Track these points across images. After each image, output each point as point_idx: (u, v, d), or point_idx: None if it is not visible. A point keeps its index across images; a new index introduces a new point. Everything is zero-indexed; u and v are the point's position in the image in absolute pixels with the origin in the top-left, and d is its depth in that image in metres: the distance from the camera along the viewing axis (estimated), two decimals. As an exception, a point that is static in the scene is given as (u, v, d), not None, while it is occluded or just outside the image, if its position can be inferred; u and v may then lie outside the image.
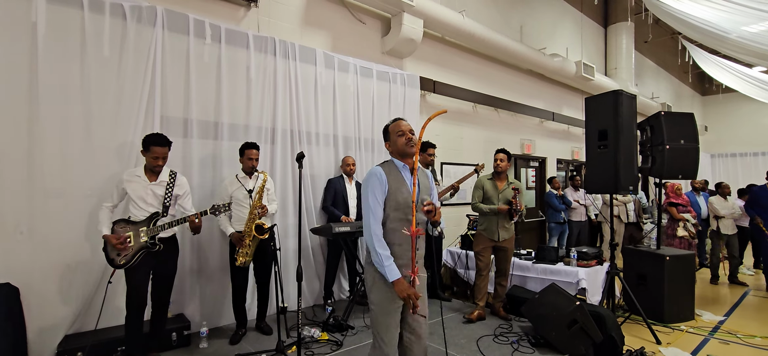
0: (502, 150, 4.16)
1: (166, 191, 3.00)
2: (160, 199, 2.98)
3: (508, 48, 6.70)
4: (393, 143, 2.14)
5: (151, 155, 2.92)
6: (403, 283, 1.93)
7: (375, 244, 1.95)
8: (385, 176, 2.02)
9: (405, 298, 1.91)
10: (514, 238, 4.22)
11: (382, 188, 2.01)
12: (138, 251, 2.87)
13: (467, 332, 3.81)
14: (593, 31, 10.08)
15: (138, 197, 2.92)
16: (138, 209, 2.93)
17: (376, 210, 1.99)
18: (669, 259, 4.27)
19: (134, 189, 2.92)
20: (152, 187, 2.96)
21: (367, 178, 2.06)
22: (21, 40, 2.93)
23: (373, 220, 1.98)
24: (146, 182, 2.96)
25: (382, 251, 1.95)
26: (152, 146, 2.91)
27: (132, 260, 2.83)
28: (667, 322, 4.18)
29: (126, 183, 2.91)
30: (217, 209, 3.03)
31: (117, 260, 2.81)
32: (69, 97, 3.12)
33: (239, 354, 3.28)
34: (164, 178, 3.02)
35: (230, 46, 3.92)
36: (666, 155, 4.32)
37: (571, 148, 9.11)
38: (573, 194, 6.89)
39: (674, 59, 12.10)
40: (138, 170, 2.98)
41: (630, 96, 4.06)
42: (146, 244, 2.89)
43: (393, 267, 1.94)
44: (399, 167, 2.12)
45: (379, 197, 2.00)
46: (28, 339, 2.92)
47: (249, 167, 3.57)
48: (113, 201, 2.93)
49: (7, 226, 2.89)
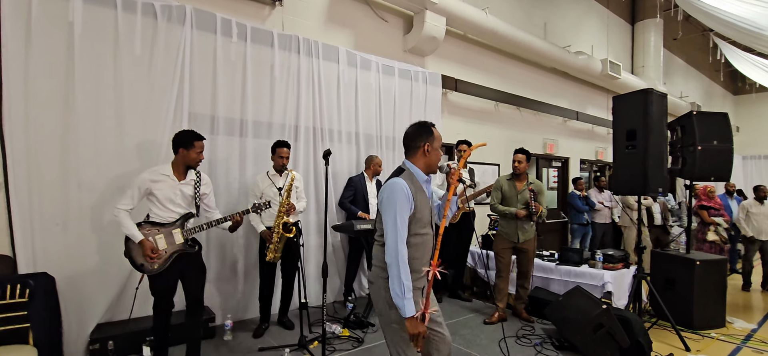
0: (521, 150, 4.08)
1: (195, 190, 2.87)
2: (188, 199, 2.84)
3: (531, 46, 6.59)
4: (434, 155, 1.94)
5: (195, 151, 2.80)
6: (416, 321, 1.79)
7: (401, 271, 1.77)
8: (411, 193, 1.84)
9: (414, 335, 1.79)
10: (536, 239, 4.15)
11: (409, 206, 1.83)
12: (172, 254, 2.73)
13: (489, 333, 3.78)
14: (620, 29, 9.80)
15: (165, 198, 2.74)
16: (163, 210, 2.75)
17: (402, 232, 1.80)
18: (699, 264, 4.13)
19: (161, 190, 2.73)
20: (181, 186, 2.81)
21: (391, 192, 1.83)
22: (59, 38, 3.04)
23: (400, 241, 1.79)
24: (175, 181, 2.79)
25: (406, 282, 1.77)
26: (196, 141, 2.81)
27: (166, 265, 2.71)
28: (696, 329, 4.05)
29: (151, 184, 2.71)
30: (259, 207, 3.02)
31: (148, 265, 2.68)
32: (102, 94, 3.22)
33: (263, 348, 3.34)
34: (192, 176, 2.88)
35: (255, 45, 3.98)
36: (697, 156, 4.17)
37: (595, 148, 8.90)
38: (597, 196, 6.73)
39: (705, 57, 11.67)
40: (164, 169, 2.80)
41: (660, 95, 3.94)
42: (184, 246, 2.77)
43: (411, 303, 1.78)
44: (421, 179, 1.94)
45: (406, 217, 1.82)
46: (63, 327, 3.03)
47: (280, 164, 3.62)
48: (133, 203, 2.69)
49: (45, 218, 3.01)
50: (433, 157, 1.95)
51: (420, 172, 1.94)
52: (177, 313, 3.02)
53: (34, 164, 2.97)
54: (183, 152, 2.79)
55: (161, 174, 2.76)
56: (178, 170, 2.82)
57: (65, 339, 3.04)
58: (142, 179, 2.72)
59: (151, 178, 2.73)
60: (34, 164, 2.97)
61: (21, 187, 2.92)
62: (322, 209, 4.46)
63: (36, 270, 2.96)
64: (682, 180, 4.65)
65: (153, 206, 2.76)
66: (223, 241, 3.86)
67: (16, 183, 2.90)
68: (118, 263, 3.27)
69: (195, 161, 2.83)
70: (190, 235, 2.81)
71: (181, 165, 2.82)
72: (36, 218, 2.98)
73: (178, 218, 2.79)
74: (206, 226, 2.87)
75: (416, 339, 1.81)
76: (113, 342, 3.10)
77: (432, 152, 1.94)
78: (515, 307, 4.20)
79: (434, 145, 1.94)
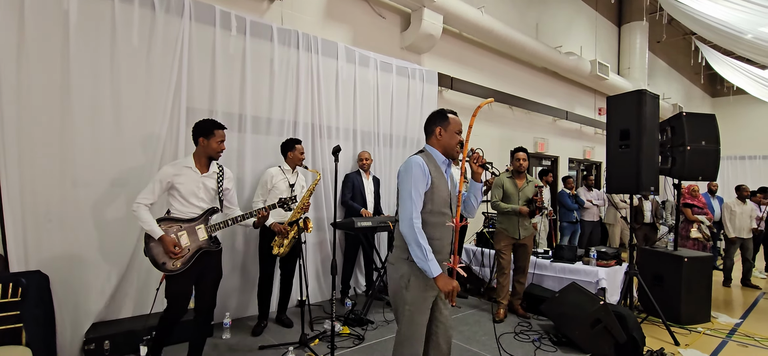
0: (522, 149, 4.16)
1: (218, 184, 2.72)
2: (211, 193, 2.70)
3: (525, 46, 6.67)
4: (447, 137, 2.04)
5: (217, 140, 2.65)
6: (446, 277, 1.90)
7: (418, 237, 1.87)
8: (428, 169, 1.95)
9: (448, 292, 1.87)
10: (534, 236, 4.23)
11: (425, 180, 1.93)
12: (196, 251, 2.59)
13: (487, 329, 3.83)
14: (607, 30, 10.02)
15: (189, 192, 2.59)
16: (185, 205, 2.60)
17: (417, 202, 1.91)
18: (687, 261, 4.27)
19: (184, 183, 2.58)
20: (204, 179, 2.66)
21: (408, 167, 1.95)
22: (53, 27, 2.93)
23: (415, 213, 1.90)
24: (198, 174, 2.64)
25: (425, 244, 1.88)
26: (217, 129, 2.66)
27: (189, 263, 2.55)
28: (683, 324, 4.19)
29: (174, 177, 2.56)
30: (286, 202, 2.93)
31: (170, 264, 2.50)
32: (99, 86, 3.12)
33: (263, 346, 3.31)
34: (214, 169, 2.73)
35: (255, 39, 3.92)
36: (687, 156, 4.31)
37: (583, 147, 9.09)
38: (586, 194, 6.88)
39: (686, 60, 12.04)
40: (186, 161, 2.65)
41: (653, 96, 4.04)
42: (208, 243, 2.64)
43: (436, 262, 1.89)
44: (439, 161, 2.05)
45: (421, 190, 1.92)
46: (57, 327, 2.94)
47: (299, 161, 3.63)
48: (154, 197, 2.53)
49: (38, 215, 2.91)
50: (446, 140, 2.04)
51: (438, 153, 2.06)
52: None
53: (26, 158, 2.86)
54: (204, 141, 2.64)
55: (184, 167, 2.62)
56: (200, 162, 2.67)
57: (59, 339, 2.95)
58: (165, 173, 2.58)
59: (174, 171, 2.59)
60: (26, 158, 2.86)
61: (13, 182, 2.81)
62: (320, 206, 4.45)
63: (28, 268, 2.85)
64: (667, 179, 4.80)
65: (174, 201, 2.61)
66: (221, 237, 3.78)
67: (8, 178, 2.79)
68: (114, 260, 3.21)
69: (216, 151, 2.67)
70: (214, 231, 2.66)
71: (203, 157, 2.67)
72: (29, 215, 2.87)
73: (202, 213, 2.66)
74: (230, 222, 2.72)
75: (450, 295, 1.88)
76: (109, 342, 3.02)
77: (444, 135, 2.04)
78: (512, 303, 4.26)
79: (448, 129, 2.04)
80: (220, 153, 2.70)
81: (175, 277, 2.54)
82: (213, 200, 2.73)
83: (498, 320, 4.04)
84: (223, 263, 3.76)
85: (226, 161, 3.78)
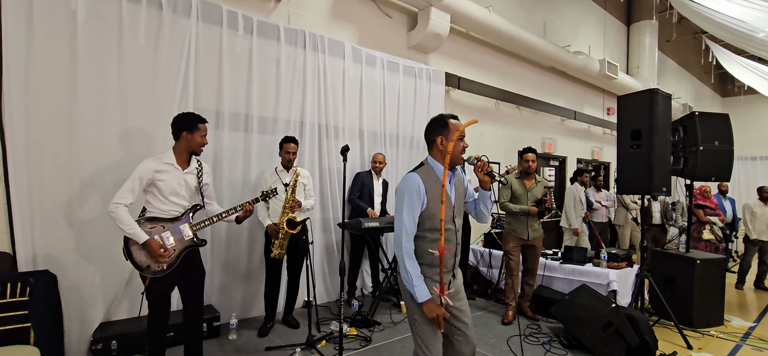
0: (531, 150, 4.11)
1: (198, 180, 2.64)
2: (192, 190, 2.62)
3: (533, 45, 6.61)
4: (446, 145, 1.89)
5: (200, 134, 2.56)
6: (432, 304, 1.83)
7: (406, 262, 1.83)
8: (423, 188, 1.86)
9: (433, 319, 1.81)
10: (543, 236, 4.17)
11: (419, 201, 1.85)
12: (181, 252, 2.51)
13: (496, 331, 3.78)
14: (616, 30, 9.90)
15: (170, 190, 2.49)
16: (166, 204, 2.50)
17: (409, 226, 1.85)
18: (700, 263, 4.19)
19: (166, 181, 2.48)
20: (185, 176, 2.57)
21: (403, 188, 1.88)
22: (61, 27, 2.93)
23: (405, 236, 1.85)
24: (179, 171, 2.54)
25: (412, 270, 1.83)
26: (200, 123, 2.57)
27: (175, 263, 2.48)
28: (696, 327, 4.11)
29: (156, 173, 2.45)
30: (267, 194, 2.92)
31: (154, 266, 2.43)
32: (106, 86, 3.12)
33: (270, 347, 3.29)
34: (194, 165, 2.64)
35: (261, 39, 3.90)
36: (699, 157, 4.23)
37: (592, 147, 8.99)
38: (595, 195, 6.79)
39: (696, 59, 11.88)
40: (166, 157, 2.53)
41: (665, 95, 3.98)
42: (193, 242, 2.56)
43: (422, 287, 1.83)
44: (439, 174, 1.90)
45: (414, 213, 1.85)
46: (65, 326, 2.94)
47: (287, 160, 3.57)
48: (133, 197, 2.41)
49: (45, 215, 2.91)
50: (457, 148, 1.91)
51: (439, 165, 1.93)
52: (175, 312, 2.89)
53: (34, 157, 2.86)
54: (187, 136, 2.54)
55: (165, 163, 2.50)
56: (181, 157, 2.56)
57: (67, 339, 2.95)
58: (146, 169, 2.43)
59: (156, 168, 2.46)
60: (34, 157, 2.86)
61: (21, 182, 2.82)
62: (327, 206, 4.43)
63: (36, 267, 2.86)
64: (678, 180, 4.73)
65: (153, 199, 2.49)
66: (227, 238, 3.79)
67: (17, 178, 2.80)
68: (121, 260, 3.17)
69: (199, 146, 2.58)
70: (198, 229, 2.59)
71: (185, 152, 2.57)
72: (36, 214, 2.88)
73: (184, 211, 2.58)
74: (215, 219, 2.63)
75: (436, 322, 1.82)
76: (116, 342, 3.02)
77: (447, 144, 1.90)
78: (520, 305, 4.21)
79: (449, 137, 1.90)
80: (202, 148, 2.61)
81: (160, 279, 2.46)
82: (193, 197, 2.65)
83: (506, 322, 3.99)
84: (229, 265, 3.81)
85: (232, 161, 3.79)
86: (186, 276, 2.60)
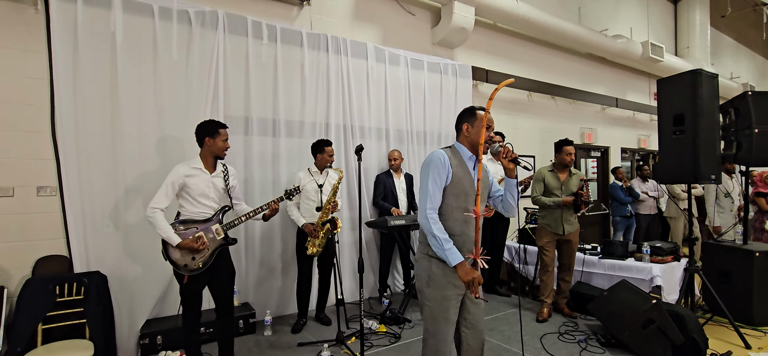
0: (569, 142, 3.95)
1: (225, 182, 2.79)
2: (220, 192, 2.77)
3: (565, 31, 6.32)
4: (474, 133, 1.98)
5: (221, 139, 2.72)
6: (467, 266, 1.84)
7: (432, 228, 1.85)
8: (448, 161, 1.92)
9: (469, 282, 1.82)
10: (579, 231, 3.99)
11: (444, 172, 1.90)
12: (214, 250, 2.68)
13: (530, 329, 3.66)
14: (661, 8, 9.26)
15: (200, 192, 2.65)
16: (197, 206, 2.66)
17: (434, 195, 1.89)
18: (759, 255, 3.83)
19: (196, 184, 2.64)
20: (213, 179, 2.73)
21: (428, 160, 1.94)
22: (103, 49, 3.20)
23: (430, 205, 1.89)
24: (207, 174, 2.70)
25: (440, 234, 1.85)
26: (221, 128, 2.73)
27: (210, 261, 2.64)
28: (756, 325, 3.76)
29: (187, 178, 2.62)
30: (291, 193, 3.06)
31: (192, 264, 2.59)
32: (144, 99, 3.36)
33: (301, 343, 3.39)
34: (220, 168, 2.80)
35: (285, 45, 4.03)
36: (754, 140, 3.87)
37: (638, 136, 8.46)
38: (641, 186, 6.40)
39: (758, 34, 10.84)
40: (194, 162, 2.70)
41: (710, 75, 3.67)
42: (224, 242, 2.73)
43: (454, 250, 1.84)
44: (465, 157, 2.00)
45: (439, 182, 1.90)
46: (116, 322, 3.20)
47: (327, 162, 3.68)
48: (168, 201, 2.59)
49: (96, 220, 3.18)
50: (473, 135, 1.99)
51: (464, 149, 2.03)
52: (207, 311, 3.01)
53: (84, 169, 3.14)
54: (209, 141, 2.70)
55: (194, 168, 2.68)
56: (207, 162, 2.73)
57: (118, 334, 3.20)
58: (178, 174, 2.62)
59: (186, 172, 2.63)
60: (84, 169, 3.14)
61: (74, 192, 3.10)
62: (354, 205, 4.48)
63: (89, 269, 3.13)
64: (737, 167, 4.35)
65: (185, 203, 2.66)
66: (261, 238, 3.94)
67: (70, 188, 3.08)
68: (163, 261, 3.41)
69: (222, 150, 2.74)
70: (228, 229, 2.75)
71: (210, 157, 2.74)
72: (88, 220, 3.15)
73: (214, 213, 2.74)
74: (244, 218, 2.79)
75: (470, 285, 1.84)
76: (161, 337, 3.24)
77: (471, 131, 2.00)
78: (557, 302, 4.05)
79: (475, 124, 1.99)
80: (225, 152, 2.77)
81: (197, 276, 2.63)
82: (222, 198, 2.81)
83: (541, 319, 3.85)
84: (264, 264, 3.96)
85: (262, 164, 3.94)
86: (216, 274, 2.74)
